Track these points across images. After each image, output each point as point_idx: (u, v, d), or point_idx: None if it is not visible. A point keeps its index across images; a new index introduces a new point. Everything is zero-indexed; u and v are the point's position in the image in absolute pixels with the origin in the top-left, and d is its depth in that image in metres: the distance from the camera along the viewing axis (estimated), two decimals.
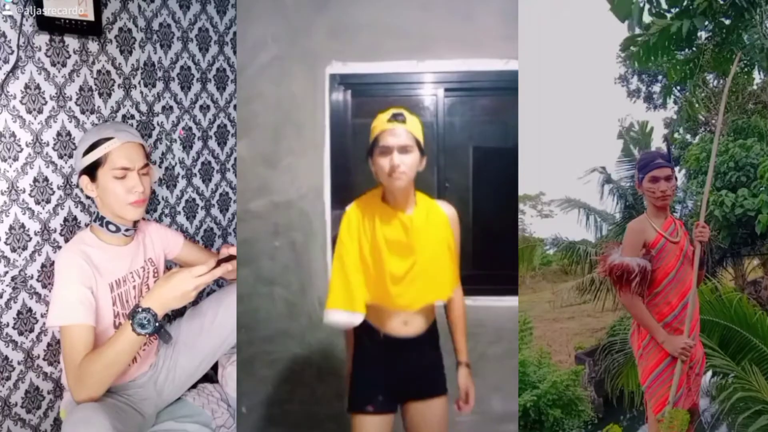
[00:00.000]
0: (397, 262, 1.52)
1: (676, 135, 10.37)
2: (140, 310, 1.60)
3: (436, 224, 1.57)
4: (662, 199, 2.01)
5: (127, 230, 1.85)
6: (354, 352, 1.63)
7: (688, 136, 10.37)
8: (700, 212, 2.11)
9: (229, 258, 1.71)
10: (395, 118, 1.48)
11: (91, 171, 1.78)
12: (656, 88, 12.12)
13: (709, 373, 3.21)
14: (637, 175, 2.07)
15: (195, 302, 2.19)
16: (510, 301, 2.23)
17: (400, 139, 1.46)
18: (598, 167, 9.05)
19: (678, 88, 8.59)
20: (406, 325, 1.58)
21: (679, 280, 1.98)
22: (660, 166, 2.01)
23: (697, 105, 9.17)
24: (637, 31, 2.93)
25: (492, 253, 2.31)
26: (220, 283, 2.45)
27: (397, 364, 1.59)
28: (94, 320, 1.70)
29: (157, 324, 1.61)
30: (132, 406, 1.81)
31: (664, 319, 1.98)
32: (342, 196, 2.29)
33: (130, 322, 1.60)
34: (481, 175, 2.31)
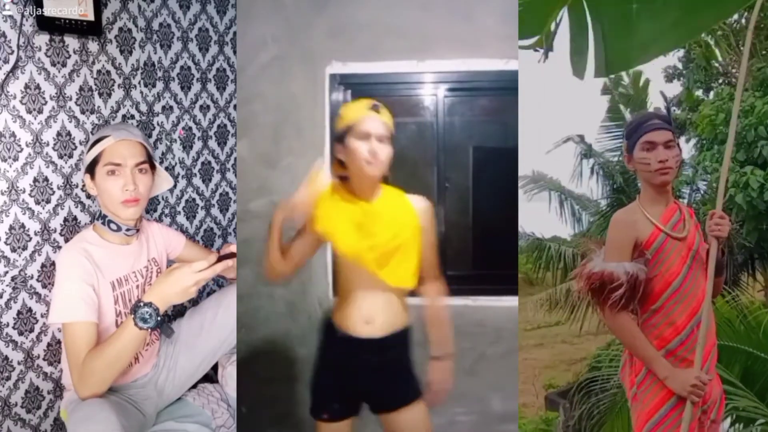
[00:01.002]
0: (359, 238, 1.50)
1: (679, 89, 7.58)
2: (142, 304, 1.60)
3: (399, 212, 1.54)
4: (661, 173, 1.50)
5: (128, 230, 1.85)
6: (317, 352, 1.62)
7: (700, 92, 7.35)
8: (717, 197, 1.54)
9: (230, 255, 1.71)
10: (374, 108, 1.49)
11: (92, 170, 1.79)
12: None
13: (728, 420, 2.42)
14: (626, 145, 1.58)
15: (195, 302, 2.20)
16: (510, 301, 2.23)
17: (379, 128, 1.47)
18: (574, 135, 6.74)
19: None
20: (367, 324, 1.53)
21: (687, 292, 1.49)
22: (657, 128, 1.52)
23: (712, 46, 6.86)
24: None
25: (492, 253, 2.31)
26: (220, 283, 2.45)
27: (356, 368, 1.55)
28: (96, 317, 1.71)
29: (158, 318, 1.61)
30: (134, 405, 1.81)
31: (666, 345, 1.50)
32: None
33: (132, 316, 1.60)
34: (481, 175, 2.31)
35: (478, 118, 2.31)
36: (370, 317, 1.54)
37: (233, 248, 1.76)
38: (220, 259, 1.67)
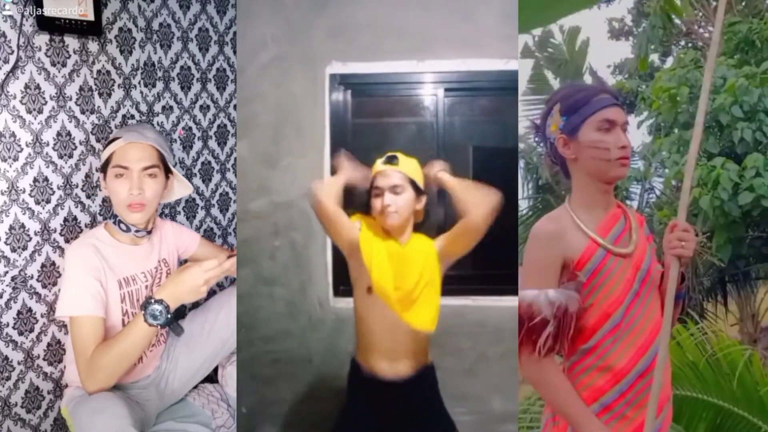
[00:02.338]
0: (391, 275, 1.55)
1: (628, 53, 5.80)
2: (153, 301, 1.61)
3: (425, 259, 1.59)
4: (621, 163, 1.15)
5: (137, 231, 1.84)
6: (347, 391, 1.64)
7: (655, 57, 5.57)
8: (680, 201, 1.14)
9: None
10: (389, 160, 1.57)
11: (105, 170, 1.81)
12: None
13: None
14: (560, 120, 1.19)
15: (196, 303, 2.20)
16: (510, 301, 2.23)
17: (390, 179, 1.54)
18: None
19: None
20: (391, 365, 1.56)
21: (630, 327, 1.14)
22: (613, 104, 1.17)
23: None
24: None
25: (492, 253, 2.30)
26: (220, 284, 2.45)
27: (385, 411, 1.56)
28: (104, 312, 1.72)
29: (168, 316, 1.62)
30: (136, 403, 1.82)
31: (599, 398, 1.14)
32: (342, 195, 2.28)
33: (143, 313, 1.61)
34: (481, 175, 2.30)
35: (478, 118, 2.31)
36: (394, 357, 1.56)
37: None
38: (229, 257, 1.69)
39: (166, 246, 1.99)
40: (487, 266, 2.30)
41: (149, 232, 1.89)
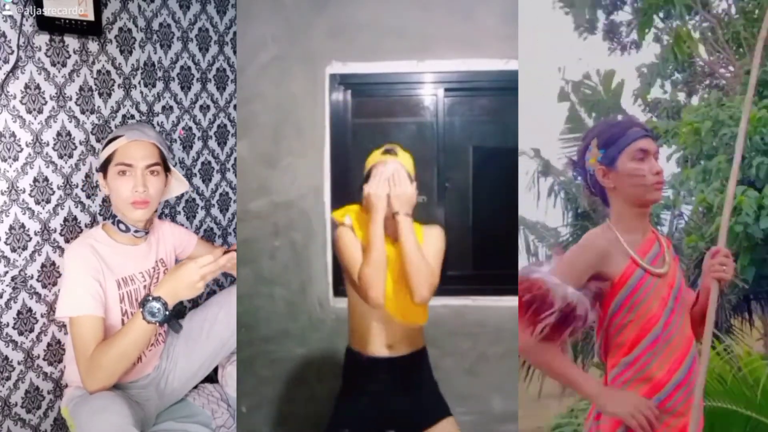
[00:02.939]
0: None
1: (658, 91, 6.16)
2: (151, 298, 1.62)
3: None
4: (656, 187, 1.26)
5: (136, 231, 1.84)
6: (343, 378, 1.66)
7: (681, 96, 6.03)
8: (720, 229, 1.30)
9: (234, 249, 1.73)
10: (387, 151, 1.59)
11: (105, 169, 1.80)
12: (621, 16, 7.06)
13: None
14: (598, 154, 1.29)
15: (195, 303, 2.20)
16: (510, 301, 2.23)
17: (389, 168, 1.56)
18: (527, 149, 5.41)
19: (660, 14, 5.45)
20: (389, 348, 1.59)
21: (668, 340, 1.23)
22: (646, 136, 1.28)
23: (698, 42, 5.59)
24: None
25: (492, 253, 2.31)
26: (220, 284, 2.45)
27: (382, 390, 1.59)
28: (103, 312, 1.72)
29: (166, 313, 1.62)
30: (136, 401, 1.82)
31: None
32: (342, 196, 2.28)
33: (141, 310, 1.62)
34: (481, 175, 2.31)
35: (478, 118, 2.31)
36: (390, 343, 1.59)
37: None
38: (225, 252, 1.69)
39: (164, 246, 1.99)
40: (487, 266, 2.30)
41: (147, 233, 1.90)
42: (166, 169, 1.88)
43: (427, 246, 1.57)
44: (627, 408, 1.19)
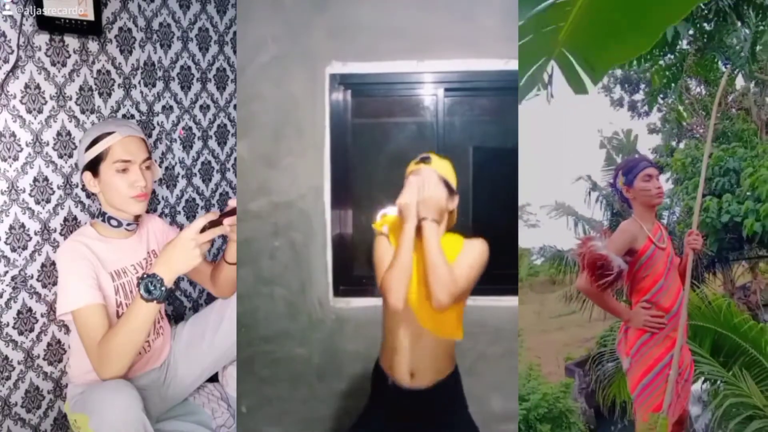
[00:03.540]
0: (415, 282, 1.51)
1: (659, 141, 11.10)
2: (146, 276, 1.60)
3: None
4: (658, 196, 2.00)
5: (129, 225, 1.85)
6: (370, 396, 1.62)
7: (674, 143, 11.10)
8: (693, 219, 2.16)
9: (231, 212, 1.68)
10: (422, 160, 1.57)
11: (94, 167, 1.78)
12: (638, 96, 12.40)
13: (702, 381, 3.12)
14: (622, 179, 2.05)
15: (196, 308, 2.19)
16: (510, 301, 2.23)
17: (421, 177, 1.53)
18: (584, 175, 9.18)
19: (661, 96, 8.69)
20: (412, 378, 1.53)
21: (667, 288, 1.97)
22: (651, 166, 2.03)
23: (683, 112, 10.25)
24: None
25: (492, 252, 2.30)
26: None
27: (409, 416, 1.55)
28: (103, 299, 1.72)
29: (163, 289, 1.60)
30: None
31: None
32: (342, 196, 2.29)
33: (138, 290, 1.60)
34: (481, 175, 2.30)
35: (478, 118, 2.31)
36: (414, 369, 1.53)
37: (233, 203, 1.72)
38: (222, 217, 1.65)
39: (155, 237, 2.00)
40: (488, 266, 2.30)
41: (137, 225, 1.91)
42: None
43: (462, 255, 1.53)
44: (643, 319, 1.95)
